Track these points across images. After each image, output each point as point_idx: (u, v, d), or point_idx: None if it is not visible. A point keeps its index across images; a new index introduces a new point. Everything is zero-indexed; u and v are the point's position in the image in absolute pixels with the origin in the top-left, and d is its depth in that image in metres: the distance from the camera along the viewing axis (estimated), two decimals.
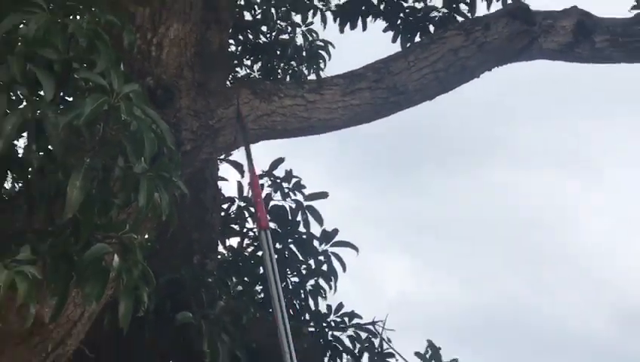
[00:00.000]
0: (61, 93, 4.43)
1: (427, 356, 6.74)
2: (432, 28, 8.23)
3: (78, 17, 4.56)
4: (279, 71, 8.79)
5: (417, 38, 8.10)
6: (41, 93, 4.17)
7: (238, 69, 7.98)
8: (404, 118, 6.84)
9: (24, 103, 4.17)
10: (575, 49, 6.61)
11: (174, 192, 4.65)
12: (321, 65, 8.86)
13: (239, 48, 8.05)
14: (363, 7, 8.18)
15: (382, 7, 8.20)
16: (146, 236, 5.13)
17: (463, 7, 8.15)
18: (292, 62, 8.82)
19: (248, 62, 8.32)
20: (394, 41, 8.09)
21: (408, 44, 8.06)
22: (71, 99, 4.61)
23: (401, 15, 8.17)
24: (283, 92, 6.08)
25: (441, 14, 8.20)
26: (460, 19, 8.26)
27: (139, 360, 6.57)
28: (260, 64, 8.43)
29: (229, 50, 7.34)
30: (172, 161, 4.65)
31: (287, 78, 8.69)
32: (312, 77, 8.69)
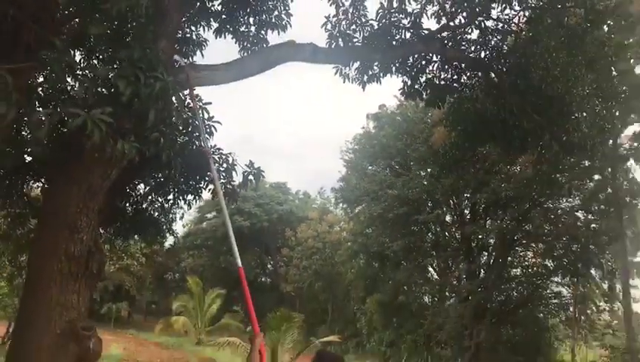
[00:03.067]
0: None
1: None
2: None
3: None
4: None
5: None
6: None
7: None
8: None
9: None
10: (315, 58, 6.75)
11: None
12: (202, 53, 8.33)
13: None
14: (228, 32, 8.00)
15: (235, 30, 8.01)
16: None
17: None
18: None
19: None
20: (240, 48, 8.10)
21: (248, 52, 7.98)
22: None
23: (245, 38, 8.07)
24: (203, 69, 6.06)
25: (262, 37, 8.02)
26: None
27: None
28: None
29: None
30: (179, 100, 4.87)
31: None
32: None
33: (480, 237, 24.83)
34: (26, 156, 6.43)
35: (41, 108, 5.30)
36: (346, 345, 30.32)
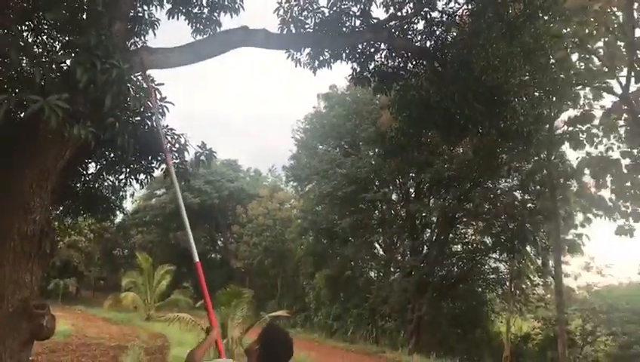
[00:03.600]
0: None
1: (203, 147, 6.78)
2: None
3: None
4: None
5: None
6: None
7: None
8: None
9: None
10: (267, 43, 6.68)
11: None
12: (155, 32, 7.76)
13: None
14: (181, 13, 7.74)
15: (188, 12, 7.75)
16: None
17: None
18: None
19: None
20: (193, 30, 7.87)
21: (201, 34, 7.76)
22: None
23: (197, 19, 7.82)
24: (156, 52, 5.92)
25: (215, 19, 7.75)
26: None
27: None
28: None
29: None
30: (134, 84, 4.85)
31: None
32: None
33: (424, 215, 25.61)
34: None
35: None
36: (295, 319, 30.79)
